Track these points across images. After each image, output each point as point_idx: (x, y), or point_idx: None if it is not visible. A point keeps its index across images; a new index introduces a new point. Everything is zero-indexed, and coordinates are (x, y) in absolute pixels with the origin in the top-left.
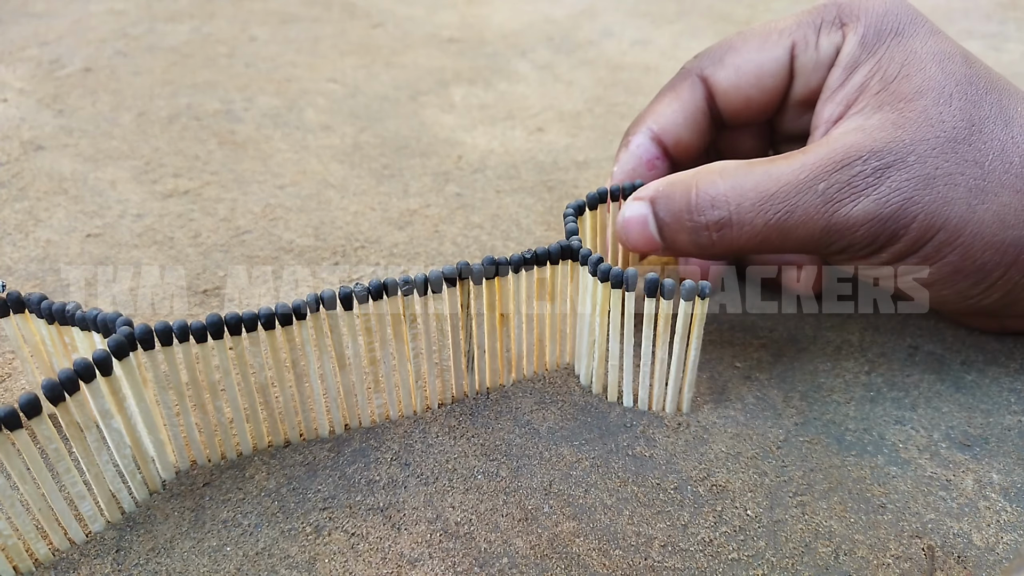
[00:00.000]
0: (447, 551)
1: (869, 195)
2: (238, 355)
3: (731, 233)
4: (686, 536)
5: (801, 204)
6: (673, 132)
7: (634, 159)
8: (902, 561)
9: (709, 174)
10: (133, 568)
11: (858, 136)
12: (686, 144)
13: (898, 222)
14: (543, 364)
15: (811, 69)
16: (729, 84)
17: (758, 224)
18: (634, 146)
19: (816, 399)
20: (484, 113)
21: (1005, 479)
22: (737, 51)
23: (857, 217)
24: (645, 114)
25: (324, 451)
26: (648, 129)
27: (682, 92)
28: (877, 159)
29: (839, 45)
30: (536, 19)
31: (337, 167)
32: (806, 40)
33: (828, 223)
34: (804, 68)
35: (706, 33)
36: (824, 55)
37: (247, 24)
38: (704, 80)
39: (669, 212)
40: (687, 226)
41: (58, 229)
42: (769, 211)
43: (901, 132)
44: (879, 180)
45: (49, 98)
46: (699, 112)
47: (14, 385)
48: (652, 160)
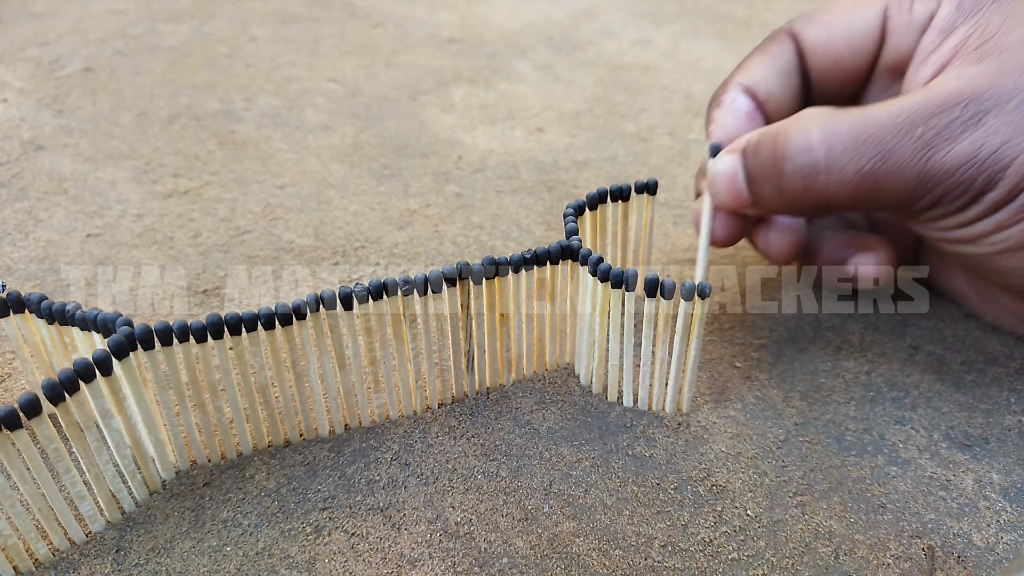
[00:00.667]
0: (447, 551)
1: (966, 138)
2: (238, 355)
3: (819, 181)
4: (686, 536)
5: (897, 149)
6: (764, 87)
7: (731, 114)
8: (902, 561)
9: (800, 120)
10: (133, 568)
11: (958, 83)
12: (778, 101)
13: (995, 164)
14: (543, 364)
15: (903, 31)
16: (819, 40)
17: (849, 171)
18: (728, 102)
19: (816, 399)
20: (484, 113)
21: (1005, 479)
22: (830, 12)
23: (953, 160)
24: (734, 73)
25: (324, 451)
26: (739, 85)
27: (772, 49)
28: (977, 104)
29: (934, 10)
30: (536, 19)
31: (337, 167)
32: (900, 3)
33: (923, 169)
34: (896, 29)
35: (706, 33)
36: (918, 18)
37: (247, 24)
38: (794, 37)
39: (758, 163)
40: (774, 175)
41: (58, 229)
42: (863, 156)
43: (1001, 79)
44: (977, 124)
45: (49, 98)
46: (790, 67)
47: (14, 385)
48: (751, 112)
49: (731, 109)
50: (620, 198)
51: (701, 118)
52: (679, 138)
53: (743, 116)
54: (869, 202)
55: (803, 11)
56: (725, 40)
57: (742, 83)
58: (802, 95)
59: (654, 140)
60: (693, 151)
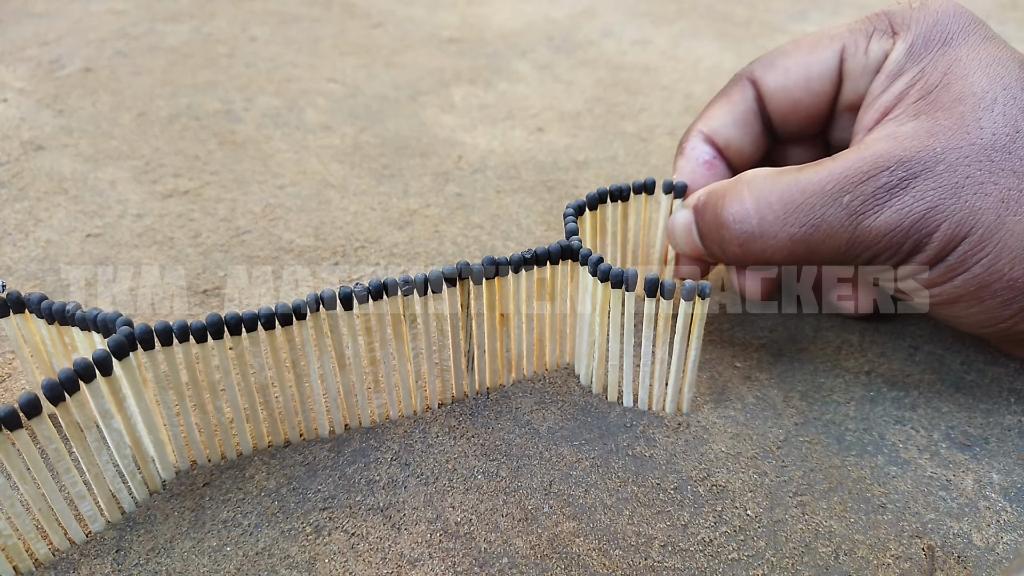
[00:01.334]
0: (447, 551)
1: (892, 205)
2: (238, 355)
3: (755, 246)
4: (686, 536)
5: (826, 217)
6: (724, 134)
7: (692, 162)
8: (902, 561)
9: (736, 186)
10: (133, 568)
11: (888, 144)
12: (737, 146)
13: (920, 231)
14: (543, 364)
15: (859, 74)
16: (777, 86)
17: (782, 238)
18: (688, 149)
19: (816, 399)
20: (484, 113)
21: (1005, 479)
22: (787, 55)
23: (879, 228)
24: (697, 120)
25: (324, 451)
26: (700, 132)
27: (733, 95)
28: (904, 169)
29: (888, 51)
30: (536, 19)
31: (337, 167)
32: (856, 45)
33: (852, 236)
34: (852, 72)
35: (706, 33)
36: (873, 60)
37: (247, 24)
38: (754, 83)
39: (704, 223)
40: (716, 238)
41: (58, 229)
42: (794, 224)
43: (933, 140)
44: (904, 190)
45: (49, 98)
46: (749, 113)
47: (14, 385)
48: (710, 161)
49: (691, 157)
50: (620, 198)
51: None
52: (679, 138)
53: (702, 164)
54: (806, 260)
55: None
56: (725, 40)
57: (703, 131)
58: (764, 138)
59: (654, 140)
60: None
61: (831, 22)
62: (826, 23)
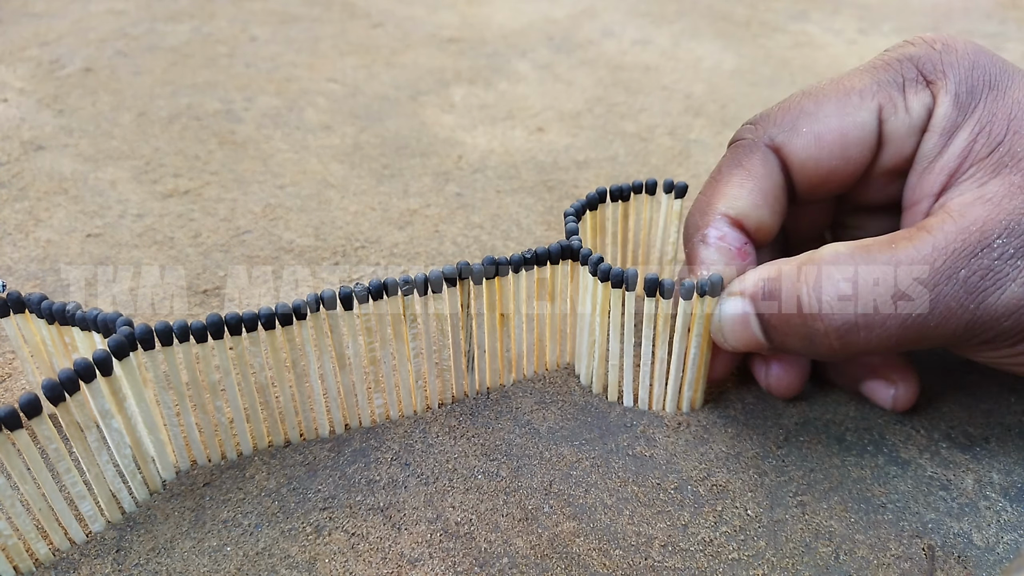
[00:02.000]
0: (447, 551)
1: (1015, 278)
2: (238, 355)
3: (859, 337)
4: (686, 536)
5: (942, 297)
6: (754, 216)
7: (722, 253)
8: (902, 561)
9: (822, 266)
10: (133, 568)
11: (988, 209)
12: (768, 227)
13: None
14: (543, 364)
15: (903, 135)
16: (808, 155)
17: (892, 325)
18: (715, 238)
19: (816, 399)
20: (484, 113)
21: (1005, 479)
22: (813, 116)
23: (1005, 306)
24: (713, 199)
25: (324, 451)
26: (724, 216)
27: (754, 168)
28: (1017, 236)
29: (930, 106)
30: (536, 19)
31: (337, 167)
32: (893, 102)
33: (973, 316)
34: (895, 133)
35: (706, 33)
36: (916, 118)
37: (247, 24)
38: (777, 151)
39: (780, 314)
40: (801, 332)
41: (58, 229)
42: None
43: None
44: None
45: (49, 98)
46: (777, 188)
47: (14, 385)
48: (742, 248)
49: (720, 247)
50: (620, 198)
51: (701, 118)
52: (679, 138)
53: (735, 254)
54: (913, 346)
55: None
56: (725, 40)
57: (727, 214)
58: (787, 209)
59: (654, 140)
60: (693, 151)
61: (831, 22)
62: (826, 23)
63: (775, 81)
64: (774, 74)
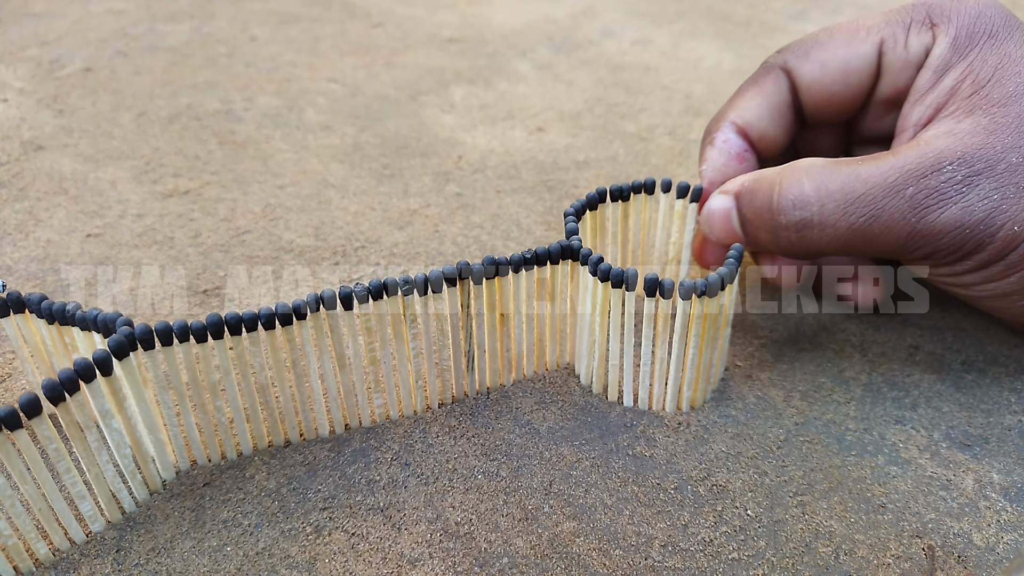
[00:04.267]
0: (447, 551)
1: (957, 202)
2: (238, 355)
3: (812, 235)
4: (686, 536)
5: (887, 208)
6: (758, 126)
7: (723, 155)
8: (902, 561)
9: (794, 172)
10: (133, 568)
11: (949, 140)
12: (771, 139)
13: (984, 231)
14: (543, 364)
15: (899, 68)
16: (813, 79)
17: (841, 227)
18: (720, 141)
19: (816, 399)
20: (484, 113)
21: (1005, 479)
22: (823, 46)
23: (943, 224)
24: (727, 109)
25: (324, 451)
26: (732, 123)
27: (766, 85)
28: (967, 166)
29: (929, 46)
30: (536, 19)
31: (337, 167)
32: (895, 38)
33: (913, 229)
34: (892, 66)
35: (706, 33)
36: (913, 54)
37: (247, 24)
38: (788, 73)
39: (752, 209)
40: (768, 225)
41: (58, 229)
42: (854, 214)
43: (993, 139)
44: (968, 188)
45: (49, 98)
46: (784, 105)
47: (14, 385)
48: (741, 153)
49: (723, 149)
50: (620, 198)
51: (701, 118)
52: (679, 138)
53: (734, 157)
54: (861, 252)
55: (794, 41)
56: (725, 40)
57: (735, 121)
58: (795, 127)
59: (654, 140)
60: (693, 151)
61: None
62: (826, 23)
63: None
64: None
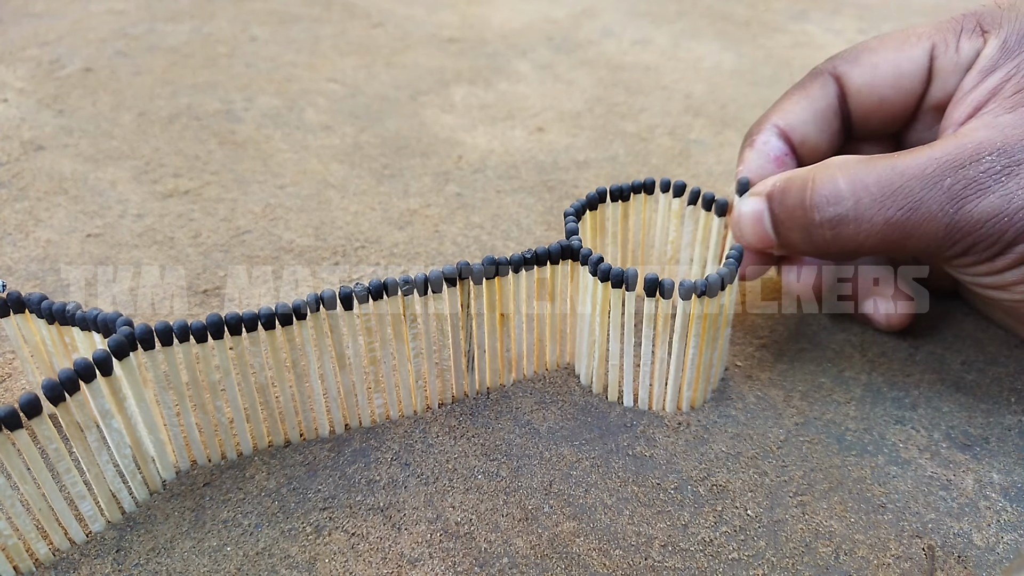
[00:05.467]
0: (447, 551)
1: (996, 191)
2: (238, 355)
3: (848, 231)
4: (686, 536)
5: (925, 200)
6: (801, 129)
7: (762, 156)
8: (902, 561)
9: (827, 168)
10: (133, 568)
11: (988, 132)
12: (814, 144)
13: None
14: (543, 364)
15: (950, 72)
16: (863, 82)
17: (878, 221)
18: (760, 143)
19: (816, 399)
20: (484, 113)
21: (1005, 479)
22: (874, 51)
23: (982, 213)
24: (770, 112)
25: (324, 451)
26: (774, 126)
27: (812, 90)
28: (1007, 156)
29: (979, 50)
30: (536, 19)
31: (337, 167)
32: (946, 43)
33: (952, 221)
34: (943, 71)
35: (706, 33)
36: (964, 58)
37: (247, 24)
38: (837, 78)
39: (784, 208)
40: (801, 223)
41: (58, 229)
42: (891, 207)
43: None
44: (1008, 177)
45: (49, 98)
46: (829, 110)
47: (14, 385)
48: (781, 157)
49: (762, 151)
50: (620, 198)
51: (701, 118)
52: (679, 138)
53: (772, 160)
54: (898, 249)
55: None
56: (725, 40)
57: (778, 124)
58: (840, 136)
59: (654, 140)
60: (693, 151)
61: (831, 22)
62: (826, 23)
63: (775, 81)
64: (774, 74)
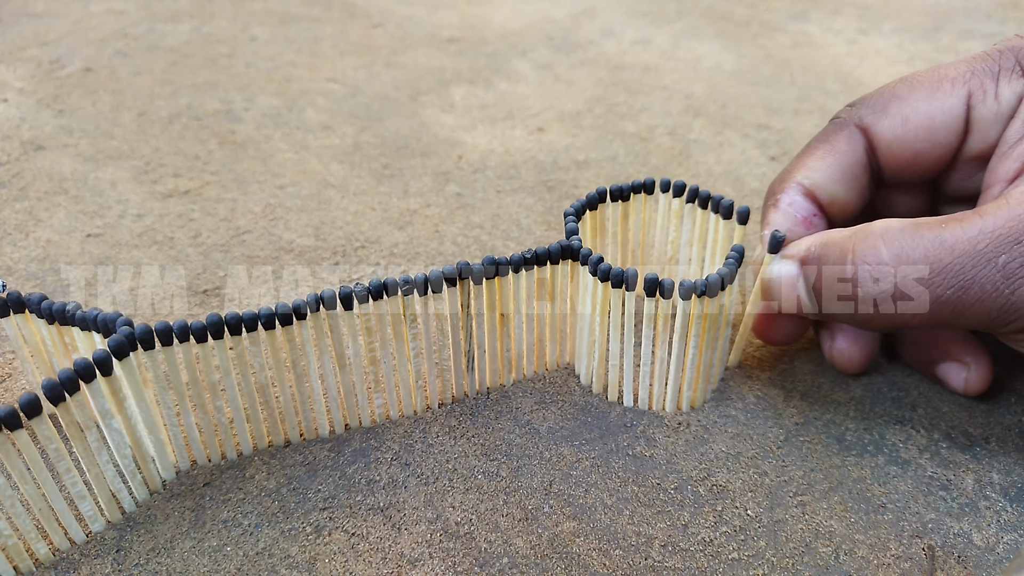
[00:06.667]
0: (447, 551)
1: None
2: (238, 355)
3: (894, 308)
4: (686, 536)
5: (978, 279)
6: (828, 188)
7: (788, 219)
8: (902, 561)
9: (868, 237)
10: (133, 568)
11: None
12: (843, 202)
13: None
14: (543, 364)
15: (990, 121)
16: (894, 136)
17: (925, 301)
18: (785, 204)
19: (816, 399)
20: (484, 113)
21: (1005, 479)
22: (903, 100)
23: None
24: (793, 168)
25: (324, 451)
26: (799, 185)
27: (838, 144)
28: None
29: (1021, 94)
30: (536, 19)
31: (337, 167)
32: (984, 89)
33: (1007, 301)
34: (982, 121)
35: (706, 33)
36: (1006, 105)
37: (247, 24)
38: (864, 131)
39: (824, 279)
40: (841, 295)
41: (58, 229)
42: (940, 286)
43: None
44: None
45: (49, 98)
46: (858, 166)
47: (14, 385)
48: (809, 218)
49: (788, 213)
50: (620, 198)
51: (701, 118)
52: (679, 138)
53: (800, 222)
54: (947, 325)
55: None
56: (725, 40)
57: (803, 183)
58: (870, 190)
59: (654, 140)
60: (693, 151)
61: (831, 22)
62: (826, 23)
63: (775, 81)
64: (774, 74)
